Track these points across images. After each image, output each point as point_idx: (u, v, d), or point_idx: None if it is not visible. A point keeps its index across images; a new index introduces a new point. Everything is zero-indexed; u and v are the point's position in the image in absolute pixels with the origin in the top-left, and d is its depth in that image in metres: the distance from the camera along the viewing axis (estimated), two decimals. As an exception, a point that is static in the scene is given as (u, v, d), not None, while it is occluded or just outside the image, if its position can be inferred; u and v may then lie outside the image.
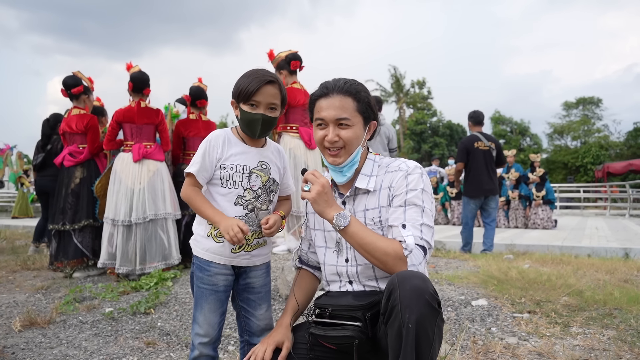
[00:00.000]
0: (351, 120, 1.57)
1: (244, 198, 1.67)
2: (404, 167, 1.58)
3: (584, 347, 2.42)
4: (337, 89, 1.58)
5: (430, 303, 1.26)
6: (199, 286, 1.68)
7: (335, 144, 1.58)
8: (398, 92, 36.38)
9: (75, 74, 4.83)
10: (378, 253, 1.45)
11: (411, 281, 1.29)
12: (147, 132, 4.47)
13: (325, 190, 1.52)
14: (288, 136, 4.67)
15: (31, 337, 2.79)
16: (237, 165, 1.67)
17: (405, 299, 1.26)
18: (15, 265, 5.18)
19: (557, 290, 3.44)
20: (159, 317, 3.11)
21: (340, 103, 1.56)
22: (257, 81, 1.62)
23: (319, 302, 1.55)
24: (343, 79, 1.62)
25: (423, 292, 1.27)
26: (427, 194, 1.55)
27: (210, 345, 1.69)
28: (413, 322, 1.23)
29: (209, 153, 1.66)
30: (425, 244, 1.47)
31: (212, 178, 1.68)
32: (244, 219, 1.66)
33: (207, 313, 1.67)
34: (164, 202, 4.39)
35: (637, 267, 4.43)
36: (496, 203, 6.43)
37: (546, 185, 10.44)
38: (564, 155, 33.15)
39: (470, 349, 2.42)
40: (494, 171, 6.30)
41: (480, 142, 6.27)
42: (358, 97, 1.58)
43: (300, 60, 4.81)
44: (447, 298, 3.34)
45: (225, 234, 1.56)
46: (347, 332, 1.41)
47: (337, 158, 1.60)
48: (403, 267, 1.43)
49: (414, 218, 1.49)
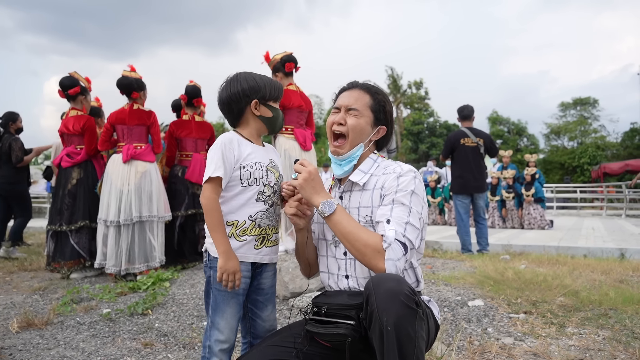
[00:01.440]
0: (360, 111, 1.67)
1: (265, 194, 1.70)
2: (398, 170, 1.62)
3: (579, 347, 2.44)
4: (359, 85, 1.73)
5: (406, 304, 1.28)
6: (219, 290, 1.64)
7: (339, 127, 1.67)
8: (395, 93, 36.42)
9: (72, 74, 4.83)
10: (358, 244, 1.48)
11: (385, 284, 1.31)
12: (138, 132, 4.50)
13: (312, 177, 1.59)
14: (283, 137, 4.68)
15: (29, 338, 2.79)
16: (255, 162, 1.70)
17: (381, 302, 1.28)
18: (12, 267, 5.18)
19: (553, 290, 3.46)
20: (156, 318, 3.12)
21: (357, 95, 1.69)
22: (279, 84, 1.81)
23: (316, 300, 1.58)
24: (368, 81, 1.76)
25: (398, 294, 1.28)
26: (417, 197, 1.56)
27: (228, 352, 1.67)
28: (392, 325, 1.25)
29: (226, 156, 1.65)
30: (407, 241, 1.47)
31: (231, 181, 1.68)
32: (265, 215, 1.69)
33: (229, 317, 1.65)
34: (151, 204, 4.40)
35: (633, 267, 4.46)
36: (484, 200, 6.34)
37: (535, 184, 10.52)
38: (561, 156, 33.22)
39: (466, 349, 2.43)
40: (481, 168, 6.19)
41: (467, 139, 6.16)
42: (374, 97, 1.70)
43: (295, 62, 4.83)
44: (443, 298, 3.36)
45: (221, 271, 1.58)
46: (340, 330, 1.43)
47: (339, 148, 1.68)
48: (380, 261, 1.44)
49: (400, 216, 1.51)
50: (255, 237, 1.68)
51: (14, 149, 5.97)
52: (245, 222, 1.67)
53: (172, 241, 4.88)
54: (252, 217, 1.68)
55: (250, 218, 1.67)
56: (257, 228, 1.68)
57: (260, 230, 1.69)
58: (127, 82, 4.49)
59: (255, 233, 1.68)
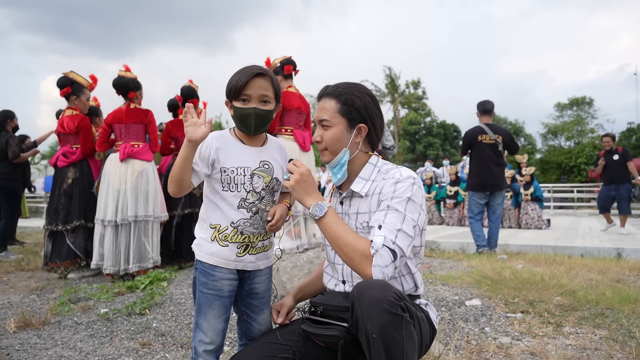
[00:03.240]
0: (330, 121, 1.62)
1: (247, 201, 1.64)
2: (397, 176, 1.57)
3: (576, 346, 2.45)
4: (326, 93, 1.65)
5: (390, 310, 1.26)
6: (202, 292, 1.63)
7: (319, 145, 1.65)
8: (393, 93, 36.42)
9: (67, 74, 4.76)
10: (347, 248, 1.46)
11: (369, 292, 1.30)
12: (135, 131, 4.49)
13: (304, 179, 1.57)
14: (282, 138, 4.70)
15: (26, 338, 2.79)
16: (237, 167, 1.63)
17: (365, 310, 1.27)
18: (9, 266, 5.16)
19: (550, 290, 3.48)
20: (154, 317, 3.11)
21: (324, 104, 1.64)
22: (245, 75, 1.60)
23: (314, 300, 1.58)
24: (340, 82, 1.67)
25: (381, 302, 1.26)
26: (414, 204, 1.51)
27: (214, 353, 1.65)
28: (377, 332, 1.25)
29: (200, 147, 1.59)
30: (396, 249, 1.42)
31: (214, 182, 1.64)
32: (248, 222, 1.64)
33: (212, 320, 1.62)
34: (147, 203, 4.40)
35: (629, 267, 4.48)
36: (502, 199, 6.19)
37: (534, 184, 10.53)
38: (558, 156, 33.28)
39: (463, 348, 2.44)
40: (499, 165, 6.04)
41: (484, 136, 5.99)
42: (340, 99, 1.61)
43: (294, 65, 4.87)
44: (441, 298, 3.37)
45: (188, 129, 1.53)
46: (333, 331, 1.43)
47: (324, 157, 1.67)
48: (368, 267, 1.41)
49: (393, 222, 1.47)
50: (237, 245, 1.64)
51: (11, 144, 5.96)
52: (228, 228, 1.63)
53: (169, 241, 4.88)
54: (234, 224, 1.63)
55: (232, 224, 1.63)
56: (239, 235, 1.63)
57: (243, 237, 1.64)
58: (123, 82, 4.49)
59: (238, 240, 1.64)
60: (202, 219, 1.69)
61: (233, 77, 1.63)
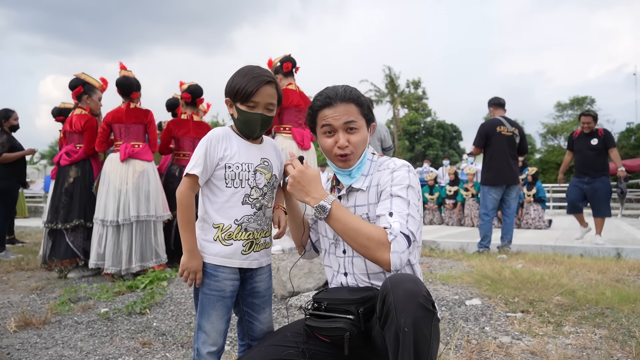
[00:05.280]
0: (357, 123, 1.63)
1: (252, 197, 1.64)
2: (392, 165, 1.62)
3: (576, 346, 2.45)
4: (339, 98, 1.61)
5: (424, 305, 1.27)
6: (205, 293, 1.63)
7: (346, 149, 1.61)
8: (392, 93, 36.42)
9: (78, 75, 4.88)
10: (361, 238, 1.46)
11: (404, 285, 1.30)
12: (135, 131, 4.50)
13: (297, 180, 1.57)
14: (281, 137, 4.70)
15: (26, 337, 2.79)
16: (242, 163, 1.63)
17: (399, 303, 1.27)
18: (9, 266, 5.16)
19: (549, 289, 3.48)
20: (154, 317, 3.12)
21: (346, 109, 1.61)
22: (255, 82, 1.59)
23: (317, 297, 1.58)
24: (340, 86, 1.66)
25: (416, 295, 1.27)
26: (414, 190, 1.55)
27: (217, 354, 1.65)
28: (409, 326, 1.24)
29: (209, 153, 1.60)
30: (409, 234, 1.45)
31: (214, 179, 1.64)
32: (252, 218, 1.65)
33: (215, 321, 1.62)
34: (148, 203, 4.40)
35: (629, 266, 4.48)
36: (517, 193, 6.02)
37: (537, 184, 10.50)
38: (558, 156, 33.30)
39: (464, 348, 2.44)
40: (515, 159, 5.92)
41: (503, 127, 5.85)
42: (359, 102, 1.64)
43: (293, 62, 4.89)
44: (441, 298, 3.37)
45: (182, 268, 1.60)
46: (339, 324, 1.43)
47: (348, 162, 1.63)
48: (386, 253, 1.42)
49: (401, 208, 1.49)
50: (242, 242, 1.64)
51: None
52: (231, 226, 1.62)
53: (169, 241, 4.88)
54: (238, 221, 1.63)
55: (236, 222, 1.62)
56: (243, 232, 1.64)
57: (248, 234, 1.64)
58: (128, 83, 4.51)
59: (242, 237, 1.64)
60: (202, 220, 1.68)
61: (241, 80, 1.61)
